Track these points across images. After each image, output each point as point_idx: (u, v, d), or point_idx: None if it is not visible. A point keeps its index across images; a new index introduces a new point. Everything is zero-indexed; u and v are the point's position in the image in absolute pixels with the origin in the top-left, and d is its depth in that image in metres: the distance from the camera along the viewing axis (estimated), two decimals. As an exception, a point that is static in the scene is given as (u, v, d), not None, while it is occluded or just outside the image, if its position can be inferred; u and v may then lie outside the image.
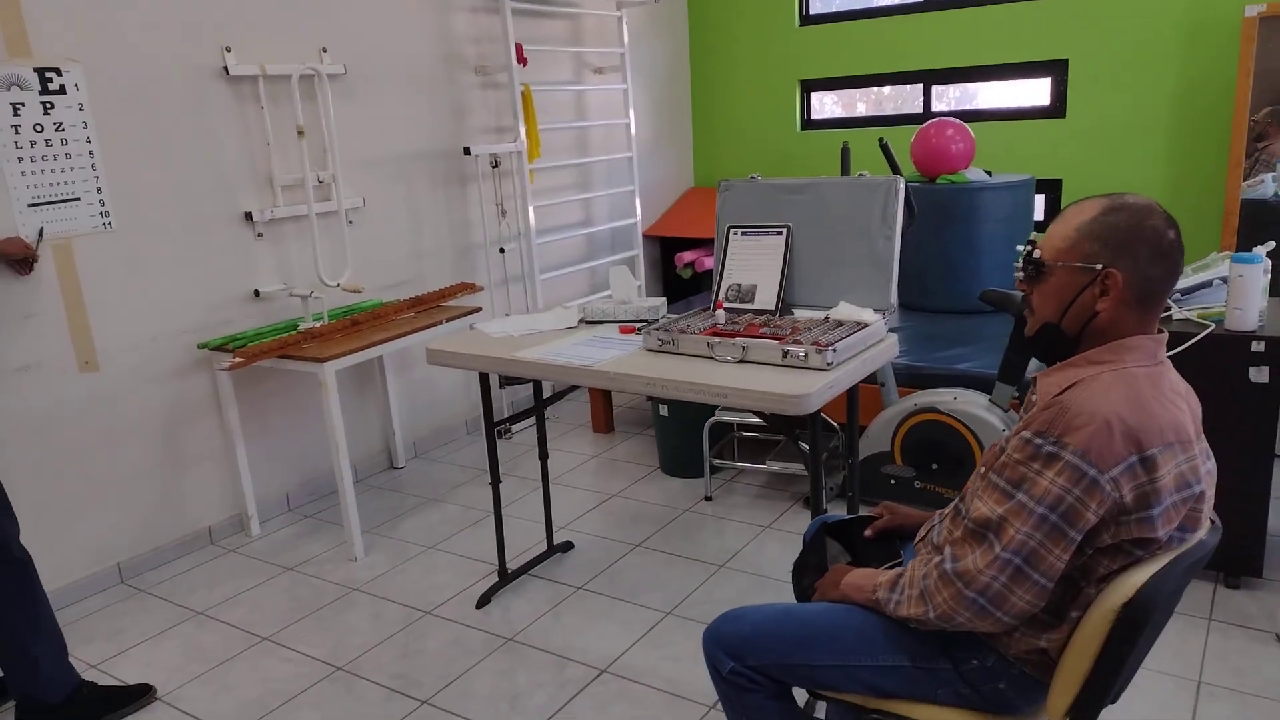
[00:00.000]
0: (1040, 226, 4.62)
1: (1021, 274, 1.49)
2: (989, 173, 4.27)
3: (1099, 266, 1.39)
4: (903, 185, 2.47)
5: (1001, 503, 1.38)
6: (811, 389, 2.05)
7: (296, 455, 3.74)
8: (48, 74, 2.86)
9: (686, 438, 3.68)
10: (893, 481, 3.28)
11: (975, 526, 1.40)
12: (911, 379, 3.48)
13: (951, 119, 4.24)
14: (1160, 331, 1.45)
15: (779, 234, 2.60)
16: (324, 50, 3.64)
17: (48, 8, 2.85)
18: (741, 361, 2.26)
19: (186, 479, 3.38)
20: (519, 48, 4.23)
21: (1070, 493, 1.31)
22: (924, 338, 3.86)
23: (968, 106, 5.10)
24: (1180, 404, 1.40)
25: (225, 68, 3.32)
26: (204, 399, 3.40)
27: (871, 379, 3.33)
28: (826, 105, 5.59)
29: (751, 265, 2.62)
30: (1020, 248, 1.51)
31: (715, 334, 2.35)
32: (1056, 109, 4.76)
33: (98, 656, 2.74)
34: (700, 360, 2.30)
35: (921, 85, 5.17)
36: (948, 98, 5.16)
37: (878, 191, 2.49)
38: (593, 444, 4.26)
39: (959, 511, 1.56)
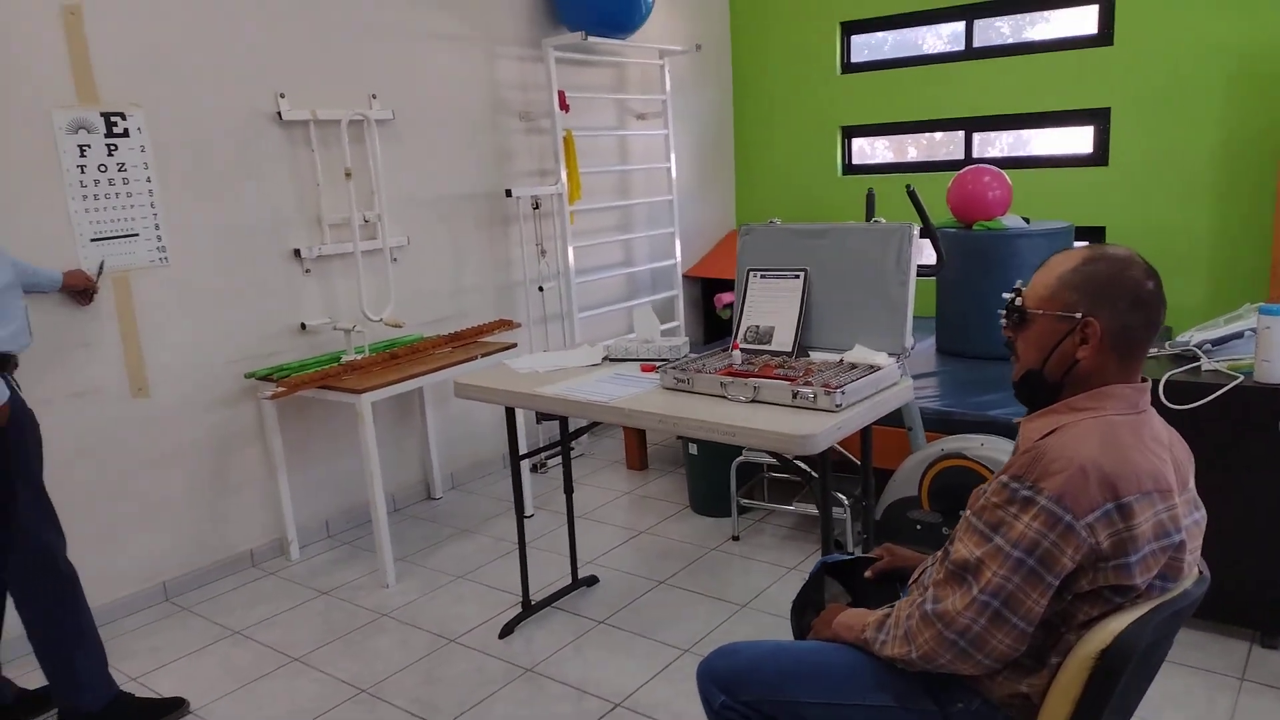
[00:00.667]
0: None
1: (1005, 321, 1.53)
2: (1027, 220, 4.26)
3: (1078, 315, 1.42)
4: (916, 232, 2.51)
5: (980, 545, 1.40)
6: (819, 429, 2.09)
7: (336, 483, 3.86)
8: (113, 118, 3.06)
9: (716, 477, 3.72)
10: (918, 527, 3.26)
11: (954, 568, 1.43)
12: (943, 424, 3.47)
13: (988, 166, 4.26)
14: (1143, 380, 1.47)
15: (797, 277, 2.65)
16: (373, 96, 3.83)
17: (115, 57, 3.07)
18: (753, 401, 2.30)
19: (231, 503, 3.52)
20: (562, 95, 4.38)
21: (1046, 537, 1.33)
22: (959, 383, 3.86)
23: (1019, 153, 5.10)
24: (1162, 453, 1.41)
25: (279, 113, 3.51)
26: (250, 427, 3.55)
27: (899, 423, 3.35)
28: (878, 150, 5.63)
29: (770, 307, 2.67)
30: (1006, 295, 1.54)
31: (730, 374, 2.40)
32: (1099, 157, 4.74)
33: (138, 670, 2.86)
34: (714, 399, 2.35)
35: (963, 132, 5.19)
36: (1001, 143, 5.16)
37: (893, 237, 2.53)
38: (626, 480, 4.32)
39: (948, 553, 1.58)
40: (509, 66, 4.40)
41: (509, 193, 4.22)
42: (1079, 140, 4.86)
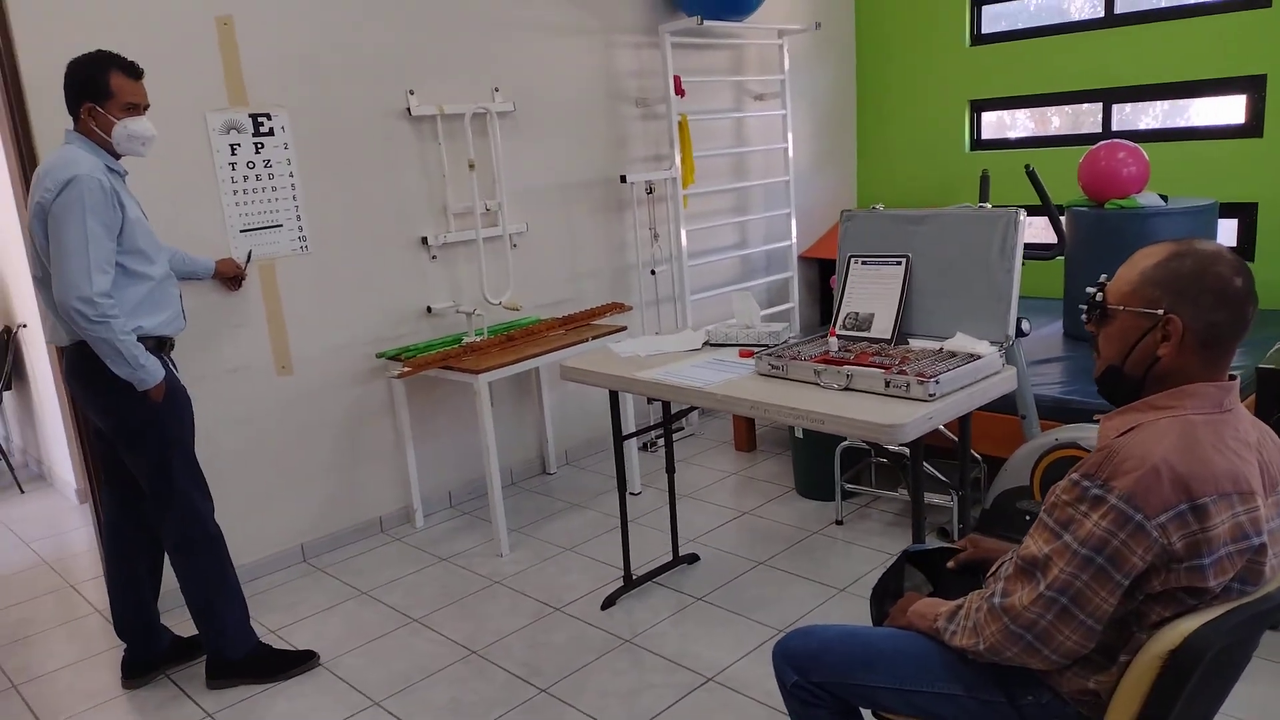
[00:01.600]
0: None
1: (1086, 317, 1.50)
2: (1164, 198, 4.03)
3: (1160, 311, 1.39)
4: (1024, 217, 2.45)
5: (1049, 542, 1.40)
6: (908, 419, 2.09)
7: (459, 457, 4.09)
8: (259, 118, 3.33)
9: (821, 460, 3.73)
10: (1028, 517, 3.18)
11: (1024, 564, 1.43)
12: (1060, 412, 3.36)
13: (1123, 141, 4.04)
14: (1231, 378, 1.42)
15: (898, 264, 2.63)
16: (496, 90, 3.99)
17: (262, 62, 3.33)
18: (846, 389, 2.32)
19: (363, 473, 3.80)
20: (677, 80, 4.43)
21: (1115, 536, 1.32)
22: (1083, 370, 3.72)
23: (1171, 124, 4.79)
24: (1246, 453, 1.36)
25: (408, 109, 3.72)
26: (380, 403, 3.81)
27: (1013, 410, 3.27)
28: (1019, 121, 5.41)
29: (870, 294, 2.67)
30: (1090, 289, 1.52)
31: (824, 361, 2.42)
32: (1253, 127, 4.42)
33: (277, 623, 3.15)
34: (806, 386, 2.38)
35: (1100, 104, 4.94)
36: (1155, 111, 4.86)
37: (997, 224, 2.47)
38: (733, 462, 4.38)
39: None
40: (626, 54, 4.48)
41: (623, 179, 4.32)
42: (1230, 110, 4.54)
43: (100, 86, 2.44)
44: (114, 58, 2.47)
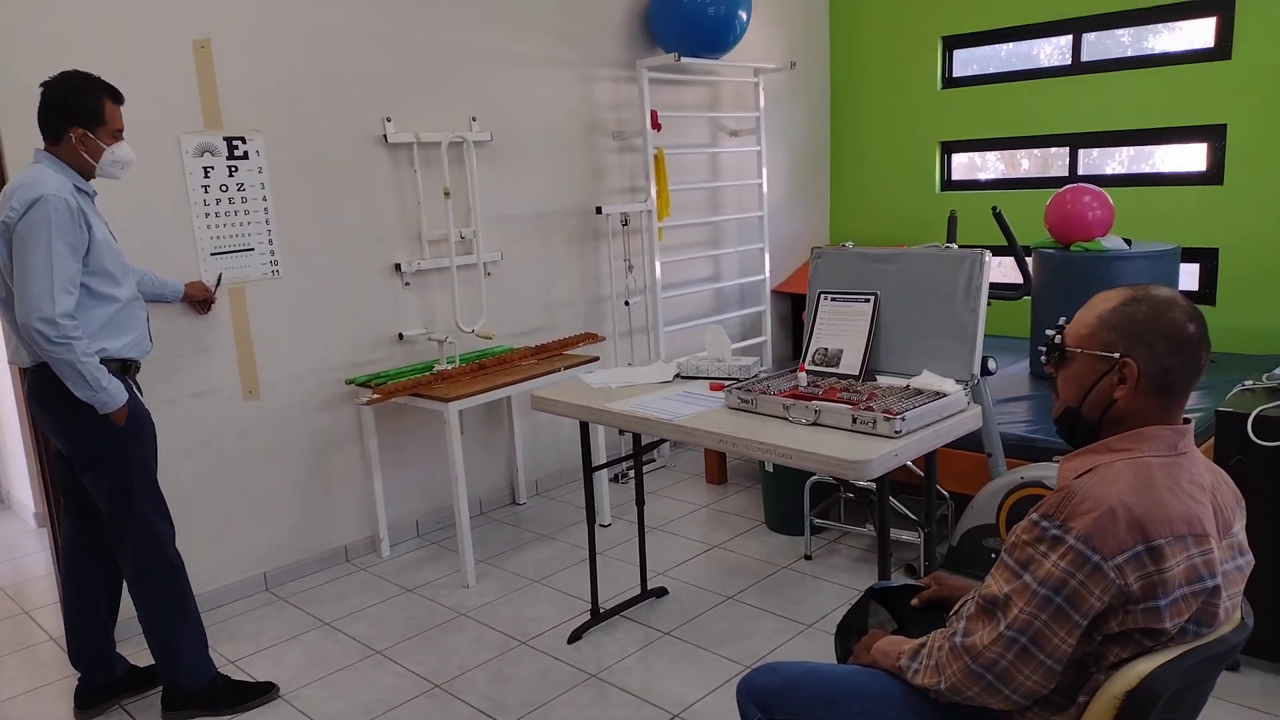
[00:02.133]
0: (1194, 297, 4.41)
1: (1045, 358, 1.53)
2: (1128, 241, 4.12)
3: (1116, 355, 1.42)
4: (989, 258, 2.49)
5: (1009, 581, 1.41)
6: (874, 455, 2.11)
7: (427, 485, 4.06)
8: (234, 141, 3.33)
9: (790, 495, 3.74)
10: (994, 555, 3.20)
11: (984, 603, 1.44)
12: (1026, 451, 3.40)
13: (1089, 185, 4.14)
14: (1186, 422, 1.45)
15: (866, 301, 2.67)
16: (473, 119, 4.01)
17: (239, 86, 3.33)
18: (814, 424, 2.34)
19: (329, 501, 3.75)
20: (654, 114, 4.48)
21: (1073, 576, 1.33)
22: (1049, 409, 3.76)
23: (1138, 170, 4.91)
24: (1200, 496, 1.39)
25: (385, 136, 3.73)
26: (349, 430, 3.78)
27: (981, 448, 3.30)
28: (990, 162, 5.51)
29: (839, 330, 2.70)
30: (1049, 331, 1.55)
31: (792, 396, 2.44)
32: (1213, 175, 4.54)
33: (236, 654, 3.09)
34: (775, 420, 2.39)
35: (1067, 149, 5.05)
36: (1122, 156, 4.98)
37: (963, 264, 2.51)
38: (704, 494, 4.38)
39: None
40: (604, 88, 4.53)
41: (599, 210, 4.35)
42: (1191, 158, 4.66)
43: (94, 112, 2.43)
44: (105, 84, 2.47)
